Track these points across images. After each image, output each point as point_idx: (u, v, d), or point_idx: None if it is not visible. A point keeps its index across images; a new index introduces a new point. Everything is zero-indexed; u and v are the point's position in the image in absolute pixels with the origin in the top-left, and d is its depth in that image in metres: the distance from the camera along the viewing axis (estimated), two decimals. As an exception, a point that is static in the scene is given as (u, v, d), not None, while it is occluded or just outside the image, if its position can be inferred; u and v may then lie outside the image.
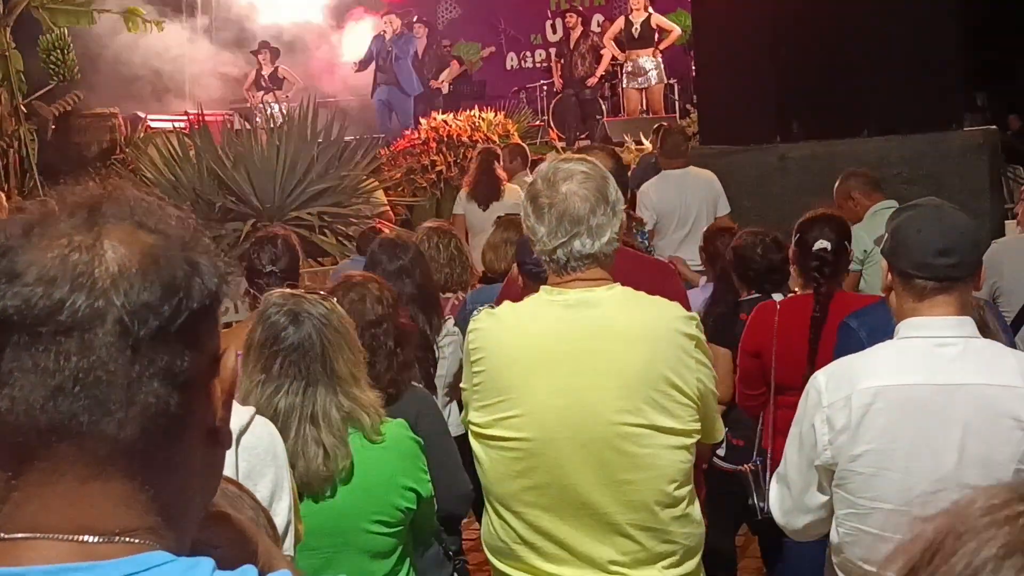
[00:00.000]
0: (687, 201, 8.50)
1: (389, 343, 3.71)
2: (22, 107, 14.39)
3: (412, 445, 3.35)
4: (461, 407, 4.73)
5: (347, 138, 10.89)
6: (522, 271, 4.31)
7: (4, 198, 9.93)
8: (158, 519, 1.13)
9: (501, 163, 9.83)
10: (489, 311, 3.29)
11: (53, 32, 14.85)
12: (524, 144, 12.02)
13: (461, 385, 3.31)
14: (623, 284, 3.09)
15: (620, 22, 16.13)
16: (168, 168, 9.81)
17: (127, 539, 1.10)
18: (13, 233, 1.13)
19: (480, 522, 3.39)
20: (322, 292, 3.35)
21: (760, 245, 5.47)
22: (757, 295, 5.42)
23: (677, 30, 15.63)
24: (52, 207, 1.17)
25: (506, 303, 3.31)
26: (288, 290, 3.26)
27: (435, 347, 4.89)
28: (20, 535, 1.10)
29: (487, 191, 9.59)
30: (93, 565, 1.07)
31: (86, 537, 1.09)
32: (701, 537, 3.17)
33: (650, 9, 15.89)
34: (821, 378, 3.07)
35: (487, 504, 3.20)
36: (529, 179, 3.14)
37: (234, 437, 1.34)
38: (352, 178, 10.12)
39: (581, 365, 3.01)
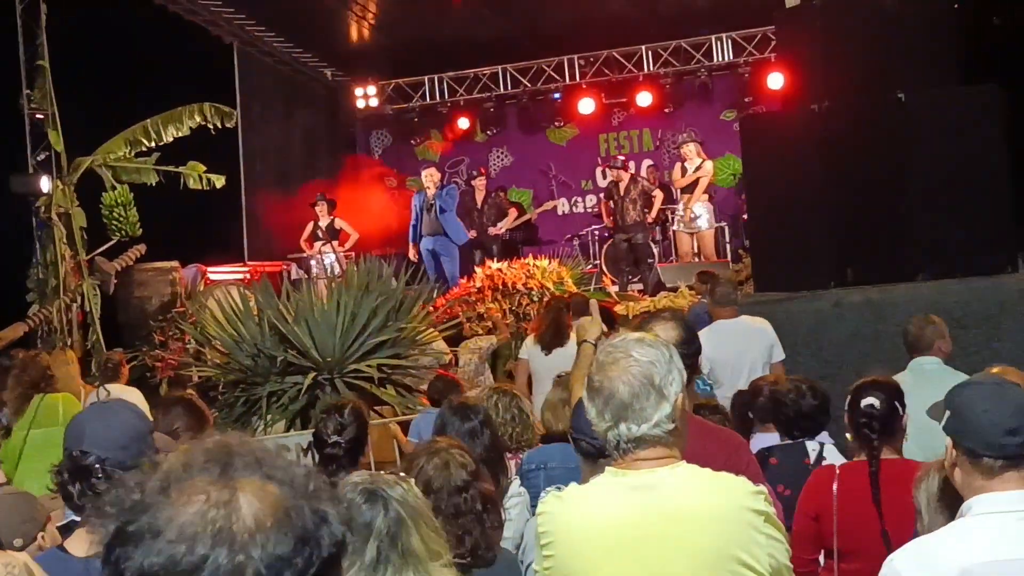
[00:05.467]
0: (740, 351, 8.40)
1: (477, 507, 3.74)
2: (85, 263, 14.67)
3: None
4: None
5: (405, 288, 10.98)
6: (575, 447, 4.18)
7: (73, 355, 10.10)
8: None
9: (570, 313, 10.07)
10: (556, 493, 3.27)
11: (116, 189, 15.17)
12: (583, 294, 12.22)
13: (534, 567, 3.31)
14: (692, 457, 3.08)
15: (678, 168, 16.35)
16: (230, 324, 9.89)
17: None
18: (152, 489, 1.18)
19: None
20: (400, 473, 3.39)
21: (793, 391, 5.65)
22: (789, 441, 5.62)
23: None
24: (183, 460, 1.21)
25: (572, 484, 3.31)
26: (366, 472, 3.31)
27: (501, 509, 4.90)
28: None
29: (553, 337, 9.99)
30: None
31: None
32: None
33: (702, 154, 16.12)
34: (898, 563, 3.07)
35: None
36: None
37: None
38: (411, 329, 10.18)
39: (650, 551, 2.96)
